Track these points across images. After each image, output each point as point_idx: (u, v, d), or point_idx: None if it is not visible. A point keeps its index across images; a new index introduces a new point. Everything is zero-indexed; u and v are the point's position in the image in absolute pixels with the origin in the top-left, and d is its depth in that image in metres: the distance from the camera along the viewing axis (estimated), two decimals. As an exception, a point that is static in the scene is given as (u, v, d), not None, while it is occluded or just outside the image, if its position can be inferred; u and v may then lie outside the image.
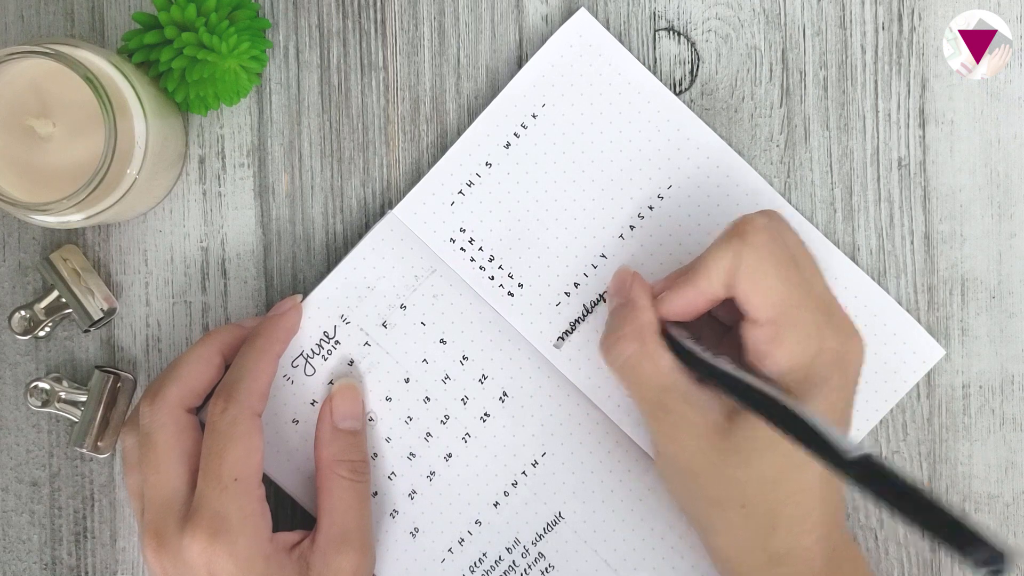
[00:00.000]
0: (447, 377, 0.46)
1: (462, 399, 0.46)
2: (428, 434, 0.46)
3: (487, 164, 0.47)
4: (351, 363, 0.46)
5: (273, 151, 0.48)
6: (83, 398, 0.46)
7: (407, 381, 0.46)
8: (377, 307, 0.46)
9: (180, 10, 0.42)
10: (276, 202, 0.48)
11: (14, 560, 0.47)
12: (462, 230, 0.47)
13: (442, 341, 0.46)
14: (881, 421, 0.47)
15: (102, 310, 0.46)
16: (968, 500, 0.47)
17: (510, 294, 0.47)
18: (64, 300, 0.46)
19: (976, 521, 0.31)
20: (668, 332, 0.42)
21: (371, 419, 0.46)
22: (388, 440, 0.46)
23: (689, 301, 0.41)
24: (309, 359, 0.46)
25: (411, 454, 0.46)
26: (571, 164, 0.47)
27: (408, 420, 0.46)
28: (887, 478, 0.32)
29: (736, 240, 0.40)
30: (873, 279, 0.47)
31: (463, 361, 0.46)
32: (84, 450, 0.46)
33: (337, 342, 0.46)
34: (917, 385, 0.47)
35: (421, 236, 0.46)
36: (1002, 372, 0.48)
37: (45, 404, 0.47)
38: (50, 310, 0.46)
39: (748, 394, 0.38)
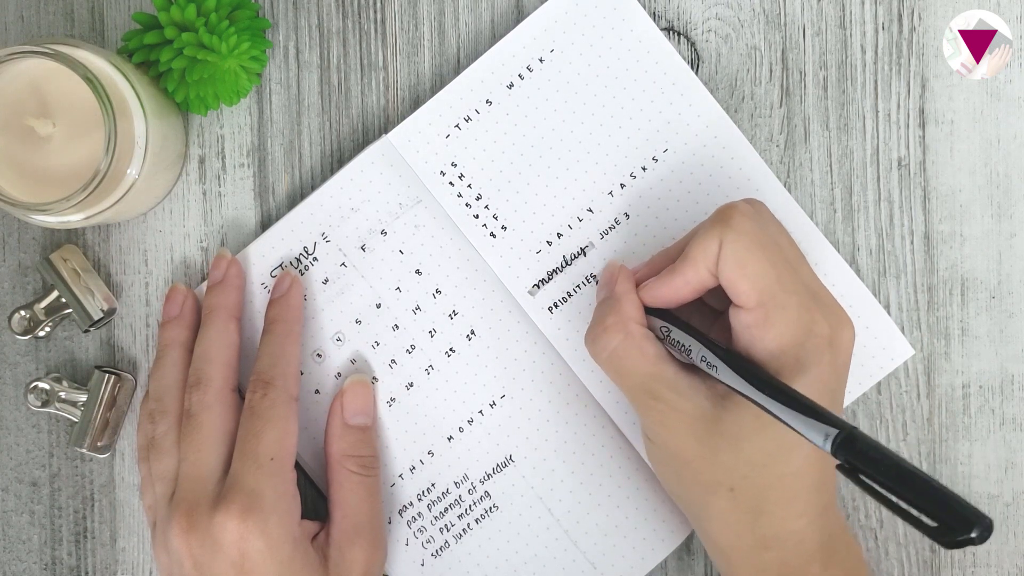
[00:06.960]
0: (418, 308, 0.46)
1: (430, 332, 0.46)
2: (393, 361, 0.46)
3: (487, 102, 0.47)
4: (353, 361, 0.46)
5: (273, 151, 0.48)
6: (83, 398, 0.46)
7: (378, 307, 0.46)
8: (358, 229, 0.46)
9: (180, 10, 0.42)
10: (276, 202, 0.48)
11: (14, 560, 0.47)
12: (453, 164, 0.47)
13: (418, 272, 0.46)
14: (881, 420, 0.47)
15: (102, 310, 0.46)
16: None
17: (492, 235, 0.47)
18: (64, 300, 0.46)
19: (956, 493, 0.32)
20: (651, 323, 0.42)
21: (339, 339, 0.46)
22: (353, 362, 0.46)
23: (676, 290, 0.41)
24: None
25: (373, 379, 0.46)
26: (571, 114, 0.47)
27: (375, 345, 0.46)
28: (869, 453, 0.33)
29: (720, 226, 0.40)
30: (873, 279, 0.47)
31: (436, 294, 0.46)
32: (84, 450, 0.46)
33: (315, 259, 0.46)
34: (917, 385, 0.47)
35: (412, 164, 0.46)
36: (1002, 372, 0.48)
37: (45, 404, 0.47)
38: (50, 310, 0.46)
39: (735, 375, 0.38)
